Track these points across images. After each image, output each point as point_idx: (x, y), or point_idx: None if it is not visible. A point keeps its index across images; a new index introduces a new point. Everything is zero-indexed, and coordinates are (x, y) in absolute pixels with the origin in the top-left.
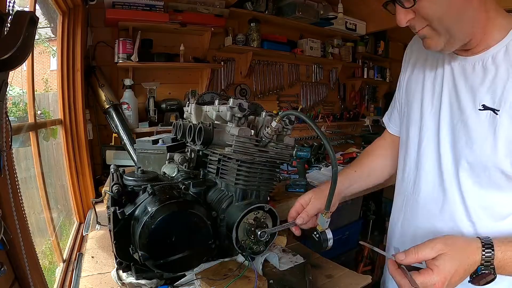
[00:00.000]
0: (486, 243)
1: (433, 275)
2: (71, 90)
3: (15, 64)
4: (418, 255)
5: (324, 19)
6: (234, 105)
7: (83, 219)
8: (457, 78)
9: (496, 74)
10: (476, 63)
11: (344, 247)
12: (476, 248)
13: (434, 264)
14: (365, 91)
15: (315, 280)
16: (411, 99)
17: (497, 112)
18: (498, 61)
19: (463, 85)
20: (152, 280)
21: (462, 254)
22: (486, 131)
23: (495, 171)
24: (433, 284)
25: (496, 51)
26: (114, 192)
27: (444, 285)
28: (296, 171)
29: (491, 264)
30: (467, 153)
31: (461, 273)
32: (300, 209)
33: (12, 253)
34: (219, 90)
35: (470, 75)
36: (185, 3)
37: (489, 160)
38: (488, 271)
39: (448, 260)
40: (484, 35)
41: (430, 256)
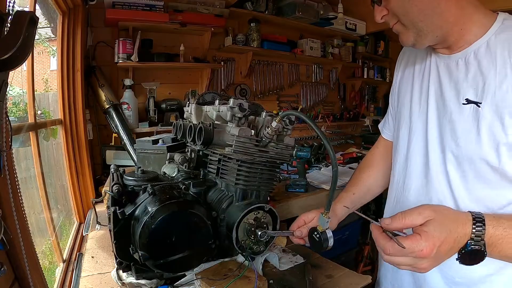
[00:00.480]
0: (477, 217)
1: (421, 240)
2: (71, 90)
3: (15, 64)
4: (405, 220)
5: (324, 19)
6: (234, 105)
7: (83, 219)
8: (442, 75)
9: (478, 69)
10: (459, 60)
11: (344, 247)
12: (467, 220)
13: (422, 229)
14: (365, 91)
15: (315, 280)
16: (401, 101)
17: (479, 105)
18: (480, 56)
19: (448, 82)
20: (152, 280)
21: (451, 223)
22: (470, 124)
23: (481, 163)
24: (421, 249)
25: (477, 46)
26: (114, 192)
27: (432, 252)
28: (296, 171)
29: (481, 239)
30: (453, 147)
31: (450, 242)
32: (302, 224)
33: (12, 253)
34: (219, 90)
35: (454, 72)
36: (185, 3)
37: (474, 153)
38: (478, 247)
39: (437, 226)
40: (462, 31)
41: (418, 222)
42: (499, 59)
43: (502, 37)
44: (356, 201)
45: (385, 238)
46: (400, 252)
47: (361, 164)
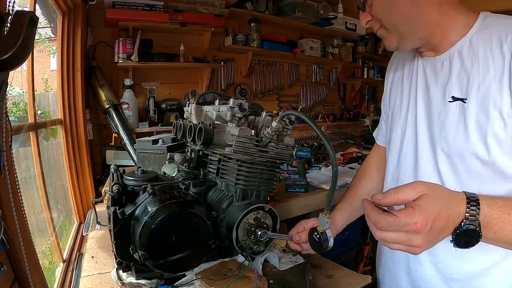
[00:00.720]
0: (471, 197)
1: (415, 213)
2: (71, 90)
3: (15, 64)
4: (397, 195)
5: (324, 19)
6: (234, 105)
7: (83, 219)
8: (429, 77)
9: (462, 67)
10: (444, 61)
11: (344, 247)
12: (461, 199)
13: (416, 203)
14: (365, 91)
15: (315, 280)
16: (392, 107)
17: (465, 101)
18: (463, 55)
19: (434, 83)
20: (152, 280)
21: (445, 199)
22: (457, 120)
23: (471, 158)
24: (415, 222)
25: (461, 45)
26: (114, 192)
27: (427, 227)
28: (296, 171)
29: (476, 219)
30: (443, 145)
31: (444, 218)
32: (301, 230)
33: (12, 253)
34: (219, 90)
35: (440, 73)
36: (185, 3)
37: (463, 148)
38: (473, 227)
39: (431, 201)
40: (445, 32)
41: (411, 197)
42: (481, 55)
43: (484, 34)
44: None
45: (377, 211)
46: (393, 226)
47: (357, 175)
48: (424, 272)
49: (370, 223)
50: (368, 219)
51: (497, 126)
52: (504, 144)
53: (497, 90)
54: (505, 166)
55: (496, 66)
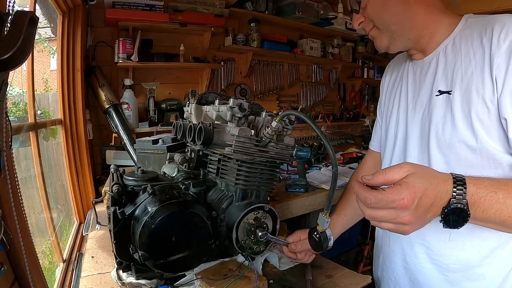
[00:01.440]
0: (458, 177)
1: (402, 189)
2: (71, 90)
3: (15, 64)
4: (385, 175)
5: (324, 19)
6: (234, 105)
7: (83, 219)
8: (418, 78)
9: (446, 63)
10: (431, 61)
11: (344, 247)
12: (447, 178)
13: (403, 181)
14: (365, 91)
15: (315, 280)
16: (386, 111)
17: (450, 93)
18: (447, 52)
19: (423, 83)
20: (152, 280)
21: (432, 178)
22: (444, 111)
23: (460, 146)
24: (402, 198)
25: (445, 44)
26: (114, 192)
27: (414, 203)
28: (296, 171)
29: (463, 198)
30: (433, 138)
31: (431, 196)
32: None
33: (12, 253)
34: (219, 90)
35: (428, 72)
36: (185, 3)
37: (452, 137)
38: (461, 205)
39: (418, 178)
40: (432, 33)
41: (398, 177)
42: (464, 50)
43: (466, 32)
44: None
45: (366, 189)
46: (381, 203)
47: (349, 184)
48: (421, 265)
49: (360, 203)
50: (358, 197)
51: (481, 112)
52: (490, 129)
53: (479, 79)
54: (494, 150)
55: (477, 58)
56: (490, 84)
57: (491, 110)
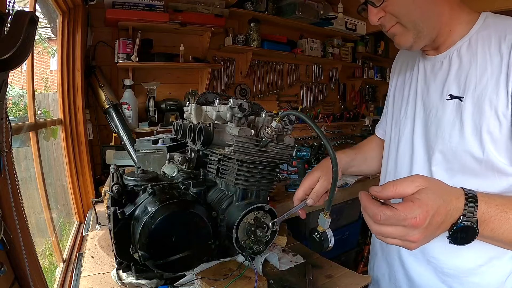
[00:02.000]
0: (470, 193)
1: (414, 206)
2: (71, 90)
3: (15, 64)
4: (396, 188)
5: (324, 19)
6: (234, 105)
7: (83, 219)
8: (428, 76)
9: (460, 65)
10: (444, 59)
11: (344, 247)
12: (460, 195)
13: (415, 197)
14: (365, 91)
15: (315, 280)
16: (396, 105)
17: (462, 99)
18: (462, 54)
19: (433, 82)
20: (152, 280)
21: (444, 194)
22: (454, 118)
23: (465, 155)
24: (414, 217)
25: (460, 45)
26: (114, 192)
27: (426, 221)
28: (296, 171)
29: (473, 216)
30: (439, 142)
31: (442, 214)
32: (308, 190)
33: (12, 253)
34: (219, 90)
35: (439, 72)
36: (185, 3)
37: (458, 146)
38: (470, 223)
39: (431, 195)
40: (450, 31)
41: (410, 191)
42: (480, 55)
43: (483, 34)
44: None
45: (375, 204)
46: (391, 220)
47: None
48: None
49: (367, 216)
50: (365, 211)
51: (492, 125)
52: (498, 142)
53: (494, 90)
54: (499, 163)
55: (493, 66)
56: (505, 96)
57: (502, 124)
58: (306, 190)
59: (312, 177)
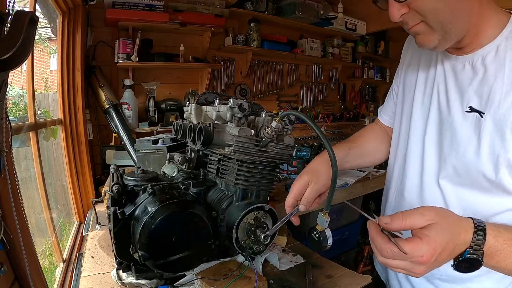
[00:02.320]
0: (479, 226)
1: (422, 244)
2: (71, 90)
3: (15, 64)
4: (406, 221)
5: (324, 19)
6: (234, 105)
7: (83, 219)
8: (448, 77)
9: (484, 76)
10: (466, 63)
11: (344, 247)
12: (468, 228)
13: (424, 233)
14: (365, 91)
15: (315, 280)
16: (406, 93)
17: (482, 115)
18: (488, 62)
19: (453, 85)
20: (152, 280)
21: (454, 229)
22: (471, 133)
23: (477, 174)
24: (421, 255)
25: (487, 51)
26: (114, 192)
27: (432, 258)
28: (296, 171)
29: (480, 248)
30: (452, 155)
31: (450, 249)
32: (299, 196)
33: (12, 253)
34: (219, 90)
35: (460, 75)
36: (185, 3)
37: (472, 163)
38: (476, 256)
39: (440, 231)
40: (478, 33)
41: (420, 224)
42: (508, 68)
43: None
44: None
45: (383, 238)
46: (398, 256)
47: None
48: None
49: (374, 248)
50: (373, 243)
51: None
52: None
53: None
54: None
55: None
56: None
57: None
58: (296, 196)
59: (301, 182)
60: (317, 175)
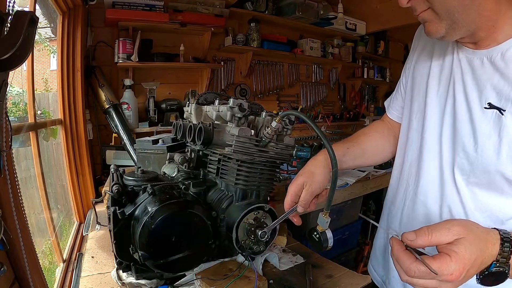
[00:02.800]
0: (505, 237)
1: (451, 262)
2: (71, 90)
3: (15, 64)
4: (432, 236)
5: (324, 19)
6: (234, 105)
7: (83, 219)
8: (465, 71)
9: (504, 71)
10: (484, 58)
11: (344, 247)
12: (495, 240)
13: (452, 249)
14: (365, 91)
15: (315, 280)
16: (416, 86)
17: (503, 112)
18: (508, 58)
19: (470, 80)
20: (152, 280)
21: (481, 243)
22: (491, 131)
23: (496, 174)
24: (451, 273)
25: (507, 47)
26: (114, 192)
27: (462, 276)
28: (296, 171)
29: (507, 261)
30: (470, 152)
31: (478, 264)
32: (296, 198)
33: (12, 253)
34: (219, 90)
35: (478, 70)
36: (185, 3)
37: (490, 163)
38: (502, 269)
39: (468, 247)
40: (494, 27)
41: (447, 240)
42: None
43: None
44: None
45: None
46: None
47: (362, 130)
48: None
49: (398, 267)
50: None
51: None
52: None
53: None
54: None
55: None
56: None
57: None
58: (293, 198)
59: (297, 184)
60: (312, 176)
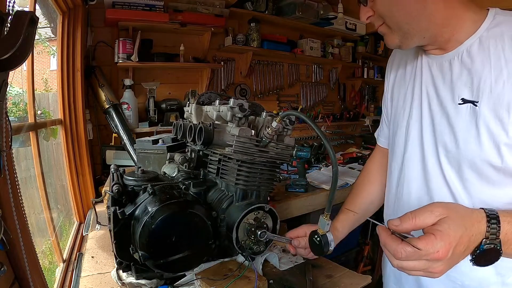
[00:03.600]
0: (491, 214)
1: (436, 240)
2: (71, 90)
3: (15, 64)
4: (415, 220)
5: (324, 19)
6: (234, 105)
7: (83, 219)
8: (436, 76)
9: (472, 66)
10: (452, 59)
11: (344, 247)
12: (481, 217)
13: (436, 228)
14: (365, 91)
15: (315, 280)
16: (395, 106)
17: (476, 104)
18: (473, 54)
19: (442, 83)
20: (152, 280)
21: (466, 220)
22: (468, 124)
23: (483, 164)
24: (437, 251)
25: (470, 44)
26: (114, 192)
27: (449, 253)
28: (296, 171)
29: (496, 237)
30: (452, 150)
31: (465, 242)
32: (302, 234)
33: (12, 253)
34: (219, 90)
35: (447, 72)
36: (185, 3)
37: (475, 154)
38: (493, 246)
39: (452, 224)
40: (453, 31)
41: (430, 222)
42: (493, 55)
43: (495, 32)
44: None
45: (395, 240)
46: (413, 256)
47: (359, 179)
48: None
49: (387, 252)
50: (385, 248)
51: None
52: None
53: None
54: None
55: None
56: None
57: None
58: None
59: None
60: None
